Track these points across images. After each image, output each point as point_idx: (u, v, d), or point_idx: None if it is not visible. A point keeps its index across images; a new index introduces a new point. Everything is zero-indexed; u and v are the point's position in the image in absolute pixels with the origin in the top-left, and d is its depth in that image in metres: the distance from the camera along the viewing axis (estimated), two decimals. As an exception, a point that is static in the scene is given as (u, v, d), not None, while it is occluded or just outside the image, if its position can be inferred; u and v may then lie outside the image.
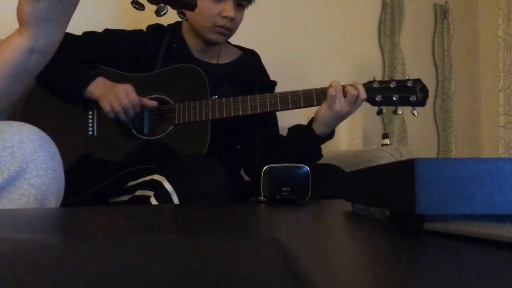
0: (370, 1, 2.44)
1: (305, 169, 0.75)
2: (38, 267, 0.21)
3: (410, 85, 1.18)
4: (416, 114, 1.18)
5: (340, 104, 1.12)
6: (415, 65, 2.52)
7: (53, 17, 0.76)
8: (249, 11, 1.28)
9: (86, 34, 1.25)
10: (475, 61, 2.86)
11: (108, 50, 1.23)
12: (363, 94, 1.13)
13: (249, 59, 1.35)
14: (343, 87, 1.15)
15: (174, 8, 0.88)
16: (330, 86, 1.14)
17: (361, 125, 2.12)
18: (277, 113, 1.33)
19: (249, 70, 1.32)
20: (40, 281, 0.18)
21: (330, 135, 1.19)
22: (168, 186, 0.95)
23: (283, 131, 1.36)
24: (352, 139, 2.05)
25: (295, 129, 1.21)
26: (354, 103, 1.13)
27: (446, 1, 2.65)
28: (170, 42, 1.26)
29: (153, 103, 1.15)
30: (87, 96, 1.14)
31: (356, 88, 1.13)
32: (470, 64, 2.83)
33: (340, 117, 1.15)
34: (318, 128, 1.15)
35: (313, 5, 2.24)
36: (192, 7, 0.87)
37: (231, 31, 1.22)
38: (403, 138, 2.43)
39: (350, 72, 2.31)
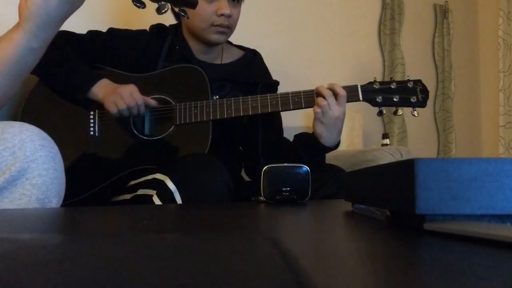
0: (370, 1, 2.44)
1: (305, 169, 0.75)
2: (38, 267, 0.21)
3: (410, 86, 1.18)
4: (416, 115, 1.18)
5: (335, 109, 1.11)
6: (415, 65, 2.52)
7: (59, 15, 0.77)
8: (249, 11, 1.28)
9: (91, 33, 1.25)
10: (475, 61, 2.86)
11: (112, 50, 1.23)
12: (341, 91, 1.12)
13: (252, 60, 1.35)
14: (318, 93, 1.14)
15: (175, 6, 0.88)
16: (319, 94, 1.13)
17: (361, 125, 2.12)
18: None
19: (251, 71, 1.32)
20: (40, 281, 0.18)
21: (336, 145, 1.18)
22: (171, 185, 0.95)
23: (285, 130, 1.36)
24: (352, 139, 2.05)
25: (301, 138, 1.19)
26: (342, 102, 1.12)
27: (446, 1, 2.65)
28: (172, 44, 1.26)
29: (153, 102, 1.15)
30: (90, 97, 1.13)
31: (332, 89, 1.12)
32: (470, 64, 2.83)
33: (336, 123, 1.12)
34: (324, 142, 1.14)
35: (313, 5, 2.24)
36: (193, 5, 0.87)
37: (230, 28, 1.21)
38: (403, 138, 2.43)
39: (350, 73, 2.31)
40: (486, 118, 2.83)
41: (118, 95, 1.09)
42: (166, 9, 0.86)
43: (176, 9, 1.14)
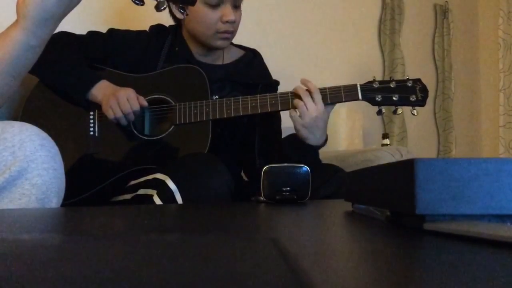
0: (370, 1, 2.44)
1: (305, 169, 0.75)
2: (38, 267, 0.21)
3: (410, 85, 1.18)
4: (415, 114, 1.18)
5: (312, 108, 1.10)
6: (415, 65, 2.52)
7: (57, 14, 0.77)
8: (249, 11, 1.27)
9: (91, 33, 1.24)
10: (475, 61, 2.86)
11: (111, 50, 1.23)
12: (312, 87, 1.11)
13: (252, 60, 1.34)
14: (293, 94, 1.14)
15: (174, 3, 0.88)
16: (296, 96, 1.13)
17: (361, 125, 2.12)
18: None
19: (251, 71, 1.31)
20: (40, 281, 0.18)
21: (323, 143, 1.17)
22: (171, 185, 0.95)
23: (284, 131, 1.35)
24: (352, 139, 2.05)
25: (289, 140, 1.19)
26: (317, 100, 1.11)
27: (446, 1, 2.65)
28: (172, 45, 1.26)
29: (144, 104, 1.14)
30: (89, 98, 1.13)
31: (304, 85, 1.12)
32: (470, 64, 2.83)
33: (316, 122, 1.11)
34: (308, 140, 1.13)
35: (313, 5, 2.24)
36: (192, 2, 0.87)
37: (233, 33, 1.22)
38: (403, 138, 2.43)
39: (350, 72, 2.31)
40: (486, 118, 2.83)
41: (115, 100, 1.09)
42: (164, 6, 0.85)
43: (175, 7, 1.14)
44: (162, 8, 0.85)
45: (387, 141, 2.10)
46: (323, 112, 1.11)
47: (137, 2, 0.82)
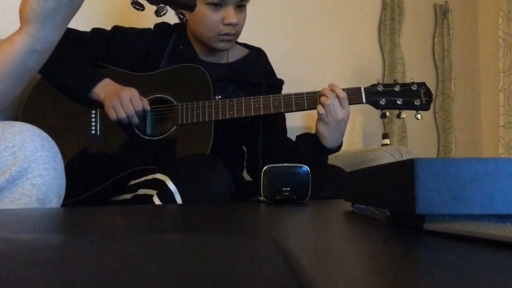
0: (370, 1, 2.43)
1: (305, 169, 0.75)
2: (38, 267, 0.21)
3: (414, 88, 1.17)
4: (419, 118, 1.18)
5: (340, 110, 1.11)
6: (415, 65, 2.52)
7: (58, 17, 0.77)
8: (250, 11, 1.27)
9: (95, 31, 1.24)
10: (475, 61, 2.86)
11: (115, 48, 1.22)
12: (341, 93, 1.12)
13: (256, 58, 1.33)
14: (319, 95, 1.14)
15: (173, 9, 0.89)
16: (322, 95, 1.13)
17: (361, 125, 2.12)
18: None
19: (256, 71, 1.30)
20: (40, 281, 0.18)
21: (338, 147, 1.18)
22: (171, 185, 0.95)
23: (287, 131, 1.35)
24: (352, 139, 2.05)
25: (303, 139, 1.19)
26: (344, 105, 1.12)
27: (446, 1, 2.65)
28: (176, 43, 1.25)
29: (146, 108, 1.13)
30: (92, 97, 1.13)
31: (333, 91, 1.12)
32: (470, 64, 2.83)
33: (339, 125, 1.12)
34: (326, 142, 1.14)
35: (313, 5, 2.24)
36: (191, 8, 0.88)
37: (236, 35, 1.20)
38: (403, 138, 2.42)
39: (350, 72, 2.31)
40: (486, 118, 2.83)
41: (118, 100, 1.08)
42: (164, 12, 0.86)
43: (174, 12, 1.14)
44: (162, 13, 0.86)
45: (387, 141, 2.10)
46: (348, 116, 1.13)
47: (137, 7, 0.83)
